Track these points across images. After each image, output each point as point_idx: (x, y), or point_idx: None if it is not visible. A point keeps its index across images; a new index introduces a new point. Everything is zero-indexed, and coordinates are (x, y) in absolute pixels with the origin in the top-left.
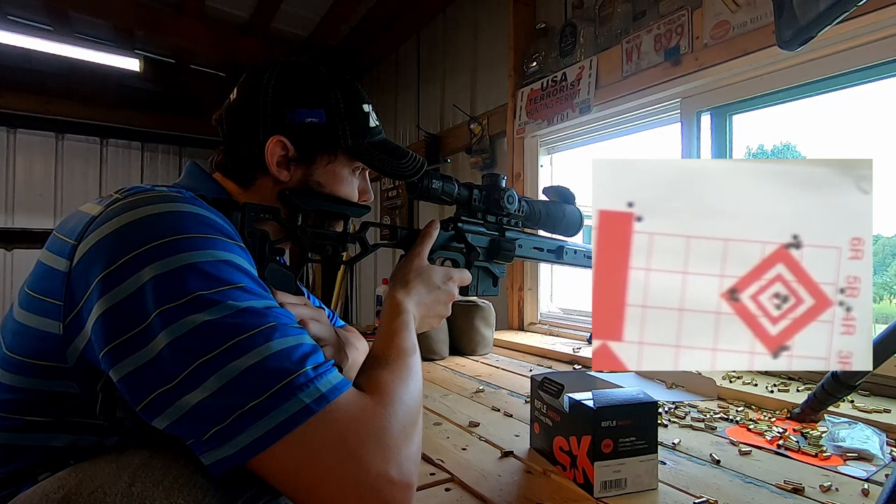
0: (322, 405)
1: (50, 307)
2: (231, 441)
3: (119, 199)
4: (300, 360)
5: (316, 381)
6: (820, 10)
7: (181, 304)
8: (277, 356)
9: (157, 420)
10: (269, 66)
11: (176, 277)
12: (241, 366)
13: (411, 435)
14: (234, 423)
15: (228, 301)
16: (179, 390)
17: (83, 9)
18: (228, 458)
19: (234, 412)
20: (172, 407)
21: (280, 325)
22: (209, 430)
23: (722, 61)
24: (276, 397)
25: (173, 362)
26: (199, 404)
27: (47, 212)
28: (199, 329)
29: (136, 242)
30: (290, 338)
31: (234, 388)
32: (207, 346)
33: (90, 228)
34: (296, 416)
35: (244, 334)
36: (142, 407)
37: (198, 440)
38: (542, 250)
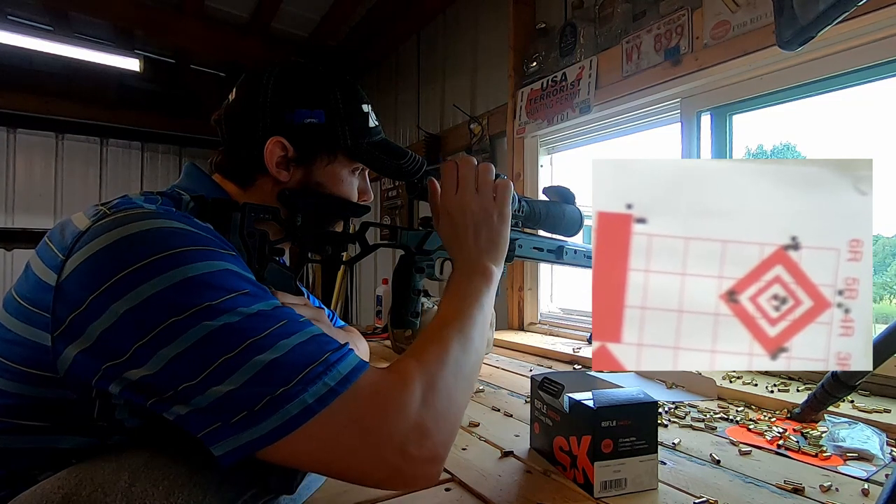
0: (345, 386)
1: (38, 318)
2: (259, 424)
3: (106, 215)
4: (318, 348)
5: (337, 365)
6: (820, 10)
7: (194, 313)
8: (297, 349)
9: (178, 407)
10: (268, 67)
11: (180, 291)
12: (265, 359)
13: (439, 409)
14: (264, 409)
15: (239, 308)
16: (208, 382)
17: (83, 9)
18: (252, 442)
19: (263, 398)
20: (200, 396)
21: (291, 321)
22: (235, 416)
23: (722, 61)
24: (302, 382)
25: (199, 362)
26: (229, 393)
27: (47, 212)
28: (218, 331)
29: (130, 259)
30: (306, 331)
31: (261, 378)
32: (232, 343)
33: (78, 244)
34: (323, 398)
35: (262, 333)
36: (159, 399)
37: (224, 424)
38: (542, 250)
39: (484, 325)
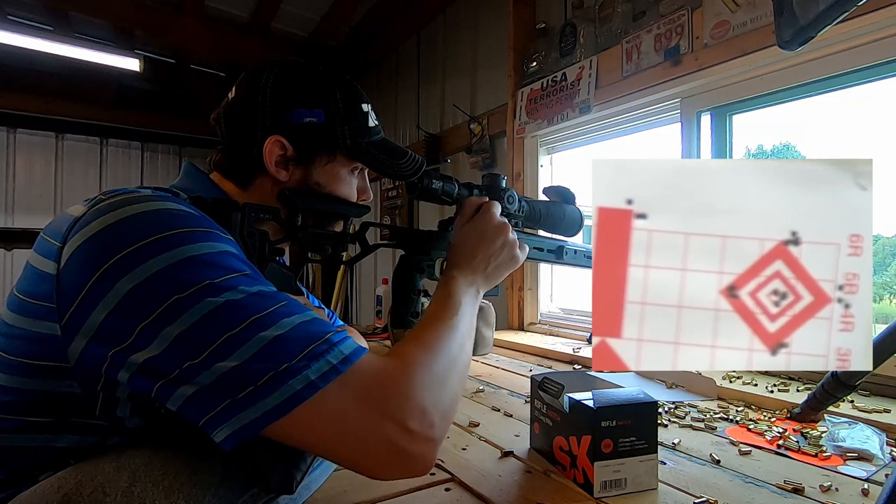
0: (347, 365)
1: (43, 310)
2: (264, 400)
3: (103, 200)
4: (319, 329)
5: (339, 346)
6: (820, 10)
7: (196, 291)
8: (300, 327)
9: (184, 388)
10: (267, 66)
11: (181, 270)
12: (269, 335)
13: (437, 392)
14: (267, 384)
15: (240, 286)
16: (212, 359)
17: (83, 9)
18: (258, 419)
19: (265, 374)
20: (205, 373)
21: (291, 303)
22: (243, 390)
23: (722, 61)
24: (305, 359)
25: (203, 338)
26: (232, 369)
27: (47, 212)
28: (221, 308)
29: (128, 241)
30: (306, 313)
31: (265, 354)
32: (234, 319)
33: (74, 229)
34: (325, 375)
35: (265, 311)
36: (166, 381)
37: (231, 401)
38: (542, 250)
39: (472, 329)
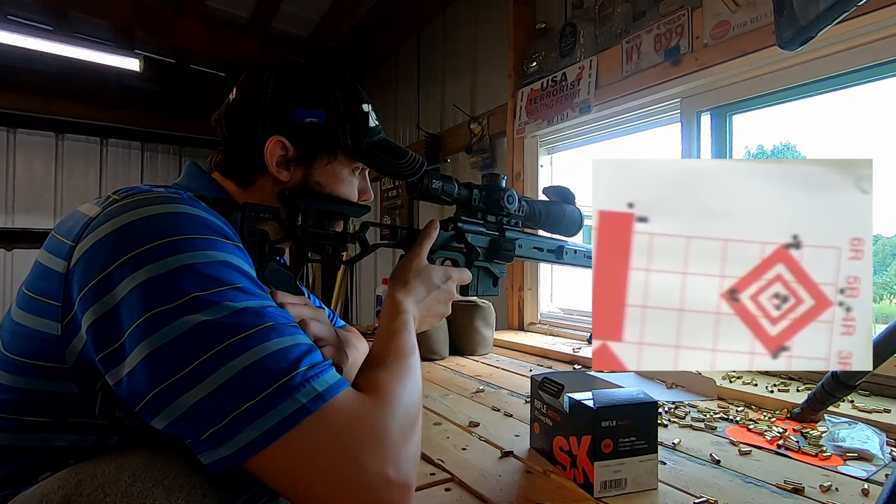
0: (318, 405)
1: (48, 308)
2: (227, 443)
3: (117, 200)
4: (297, 359)
5: (312, 381)
6: (820, 10)
7: (178, 305)
8: (274, 356)
9: (157, 420)
10: (268, 66)
11: (172, 279)
12: (238, 366)
13: (410, 435)
14: (230, 425)
15: (225, 302)
16: (178, 387)
17: (83, 9)
18: (225, 458)
19: (230, 413)
20: (172, 405)
21: (277, 325)
22: (206, 430)
23: (722, 61)
24: (272, 398)
25: (172, 361)
26: (196, 404)
27: (47, 212)
28: (197, 328)
29: (131, 245)
30: (287, 337)
31: (231, 388)
32: (205, 345)
33: (88, 230)
34: (292, 417)
35: (241, 334)
36: (141, 406)
37: (195, 441)
38: (542, 250)
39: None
